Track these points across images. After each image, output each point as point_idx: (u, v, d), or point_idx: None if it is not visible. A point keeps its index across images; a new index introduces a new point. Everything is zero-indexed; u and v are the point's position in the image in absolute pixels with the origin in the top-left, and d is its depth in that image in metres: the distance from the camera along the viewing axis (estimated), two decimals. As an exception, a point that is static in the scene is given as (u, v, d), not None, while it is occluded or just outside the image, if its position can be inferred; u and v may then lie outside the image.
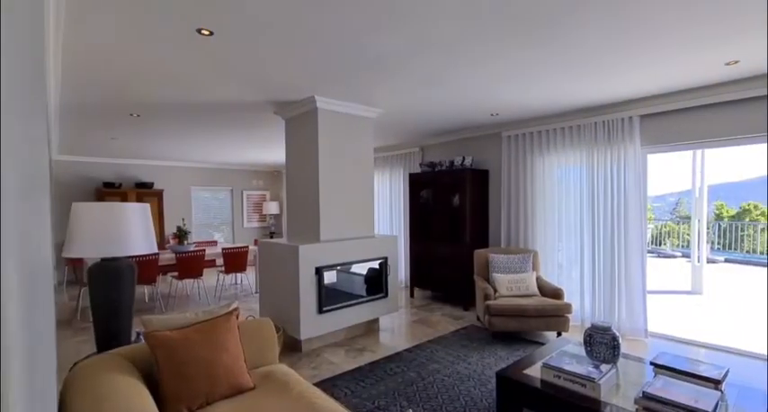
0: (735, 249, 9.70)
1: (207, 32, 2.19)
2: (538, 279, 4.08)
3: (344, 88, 3.35)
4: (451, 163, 5.12)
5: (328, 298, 3.62)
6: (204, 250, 5.41)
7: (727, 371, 1.95)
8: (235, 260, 5.65)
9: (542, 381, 2.05)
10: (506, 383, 2.15)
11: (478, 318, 4.26)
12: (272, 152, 6.86)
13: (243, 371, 1.76)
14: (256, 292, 5.83)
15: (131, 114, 4.06)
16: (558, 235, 4.43)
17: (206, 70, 2.82)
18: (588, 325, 3.05)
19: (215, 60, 2.63)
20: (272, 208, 9.20)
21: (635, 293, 3.82)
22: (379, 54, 2.59)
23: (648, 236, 10.69)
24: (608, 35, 2.34)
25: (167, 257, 5.26)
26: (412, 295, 5.56)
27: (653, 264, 8.45)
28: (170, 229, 7.58)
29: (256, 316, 4.26)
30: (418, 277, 5.50)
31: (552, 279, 4.37)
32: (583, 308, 4.17)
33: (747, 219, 11.89)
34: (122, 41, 2.31)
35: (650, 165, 3.90)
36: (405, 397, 2.68)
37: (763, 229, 10.11)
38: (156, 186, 7.76)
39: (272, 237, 9.02)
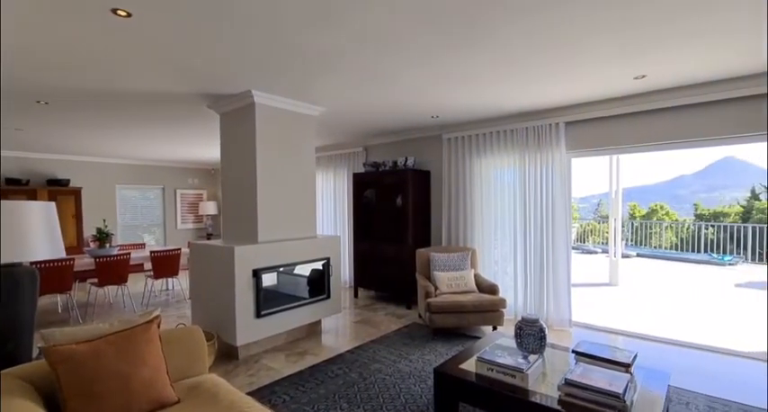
0: (644, 245, 10.89)
1: (124, 14, 2.00)
2: (476, 276, 4.26)
3: (285, 84, 3.25)
4: (395, 163, 5.18)
5: (267, 301, 3.48)
6: (129, 254, 4.97)
7: (636, 356, 2.16)
8: (165, 264, 5.25)
9: (477, 375, 2.13)
10: (443, 379, 2.20)
11: (420, 316, 4.34)
12: (208, 148, 6.49)
13: (165, 385, 1.62)
14: (190, 298, 5.47)
15: (39, 102, 3.61)
16: (495, 233, 4.65)
17: (126, 55, 2.57)
18: (520, 318, 3.23)
19: (136, 45, 2.40)
20: (209, 208, 8.70)
21: (561, 287, 4.12)
22: (321, 50, 2.54)
23: (574, 234, 11.68)
24: (535, 48, 2.50)
25: (86, 262, 4.75)
26: (356, 295, 5.54)
27: (577, 259, 9.19)
28: (90, 231, 6.86)
29: (189, 323, 3.99)
30: (362, 277, 5.49)
31: (489, 275, 4.58)
32: (516, 302, 4.42)
33: (655, 219, 13.38)
34: (24, 13, 2.03)
35: (575, 169, 4.23)
36: (346, 399, 2.65)
37: (667, 227, 11.44)
38: (74, 184, 6.99)
39: (209, 239, 8.52)
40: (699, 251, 9.72)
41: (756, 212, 13.74)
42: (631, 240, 11.09)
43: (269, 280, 3.54)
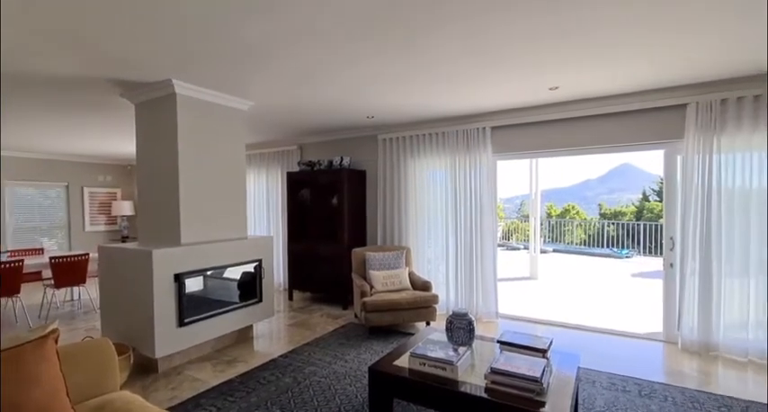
0: (560, 241, 12.01)
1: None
2: (410, 274, 4.36)
3: (211, 75, 3.05)
4: (330, 163, 5.13)
5: (192, 308, 3.24)
6: (22, 260, 4.32)
7: (551, 342, 2.36)
8: (69, 271, 4.65)
9: (410, 370, 2.18)
10: (378, 376, 2.22)
11: (356, 316, 4.34)
12: (123, 142, 5.87)
13: (64, 407, 1.42)
14: (100, 308, 4.90)
15: None
16: (428, 232, 4.81)
17: (15, 29, 2.24)
18: (451, 312, 3.36)
19: (28, 18, 2.10)
20: (124, 208, 7.88)
21: (488, 282, 4.38)
22: (250, 42, 2.42)
23: (500, 232, 12.53)
24: (460, 54, 2.63)
25: (-38, 272, 4.03)
26: (290, 298, 5.38)
27: (503, 255, 9.86)
28: (-31, 236, 5.85)
29: (98, 336, 3.57)
30: (297, 279, 5.35)
31: (423, 273, 4.72)
32: (448, 297, 4.61)
33: (568, 217, 14.84)
34: None
35: (500, 171, 4.53)
36: (278, 405, 2.56)
37: (577, 225, 12.72)
38: (-53, 180, 5.90)
39: (124, 242, 7.71)
40: (602, 246, 10.96)
41: (647, 212, 15.84)
42: (549, 237, 12.17)
43: (194, 285, 3.29)
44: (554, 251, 10.99)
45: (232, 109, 3.72)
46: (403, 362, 2.28)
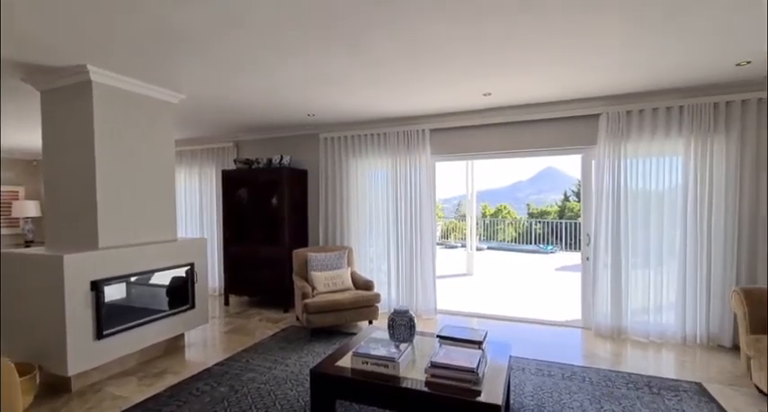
0: (493, 239, 12.75)
1: None
2: (352, 274, 4.36)
3: (136, 63, 2.80)
4: (270, 161, 4.96)
5: (113, 318, 2.95)
6: None
7: (486, 334, 2.50)
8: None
9: (352, 370, 2.18)
10: (320, 378, 2.19)
11: (298, 318, 4.25)
12: (27, 134, 5.18)
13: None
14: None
15: None
16: (370, 232, 4.85)
17: None
18: (393, 310, 3.41)
19: None
20: (28, 209, 6.94)
21: (428, 279, 4.53)
22: (182, 27, 2.27)
23: (438, 231, 13.00)
24: (400, 56, 2.70)
25: None
26: (227, 303, 5.11)
27: (442, 254, 10.25)
28: None
29: (-6, 356, 3.11)
30: (234, 282, 5.10)
31: (365, 272, 4.75)
32: (390, 296, 4.68)
33: (500, 217, 15.82)
34: None
35: (439, 172, 4.70)
36: (213, 416, 2.43)
37: (509, 224, 13.59)
38: None
39: (28, 247, 6.79)
40: (530, 243, 11.84)
41: (568, 211, 17.39)
42: (484, 235, 12.86)
43: (116, 292, 3.00)
44: (488, 248, 11.64)
45: (160, 101, 3.45)
46: (345, 362, 2.27)
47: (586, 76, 3.15)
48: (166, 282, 3.47)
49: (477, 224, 9.89)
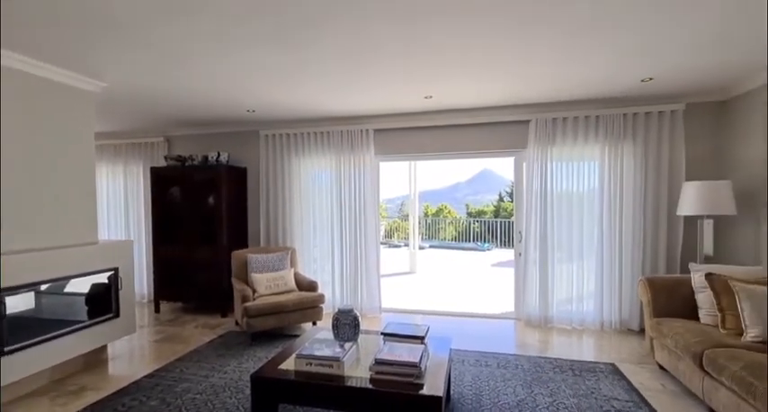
0: (435, 238, 13.18)
1: None
2: (296, 274, 4.27)
3: (48, 45, 2.50)
4: (205, 158, 4.69)
5: (19, 332, 2.61)
6: None
7: (428, 329, 2.59)
8: None
9: (296, 372, 2.14)
10: (261, 383, 2.13)
11: (237, 323, 4.07)
12: None
13: None
14: None
15: None
16: (314, 232, 4.78)
17: None
18: (337, 310, 3.40)
19: None
20: None
21: (372, 278, 4.57)
22: (107, 12, 2.07)
23: (382, 231, 13.15)
24: (341, 55, 2.71)
25: None
26: (157, 310, 4.75)
27: (385, 253, 10.38)
28: None
29: None
30: (166, 288, 4.75)
31: (309, 273, 4.67)
32: (334, 296, 4.65)
33: (441, 216, 16.40)
34: None
35: (383, 172, 4.76)
36: (142, 432, 2.25)
37: (449, 223, 14.14)
38: None
39: None
40: (469, 241, 12.42)
41: (502, 211, 18.50)
42: (426, 235, 13.24)
43: (21, 303, 2.66)
44: (430, 247, 12.01)
45: (78, 90, 3.11)
46: (289, 364, 2.23)
47: (519, 84, 3.38)
48: (86, 289, 3.14)
49: (419, 223, 10.16)
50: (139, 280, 5.11)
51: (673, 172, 3.76)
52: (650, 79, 3.25)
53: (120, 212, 5.35)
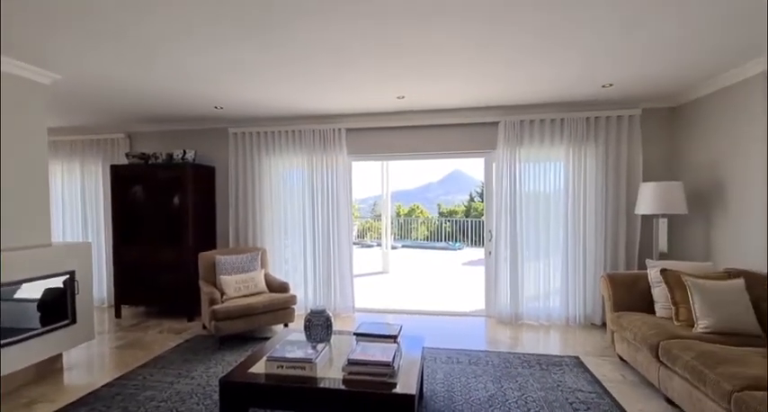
0: (407, 238, 13.27)
1: None
2: (266, 276, 4.18)
3: (-6, 35, 2.33)
4: (171, 156, 4.51)
5: (-40, 342, 2.41)
6: None
7: (401, 328, 2.60)
8: None
9: (266, 375, 2.10)
10: (230, 388, 2.07)
11: (205, 327, 3.94)
12: None
13: None
14: None
15: None
16: (285, 232, 4.70)
17: None
18: (309, 311, 3.37)
19: None
20: None
21: (345, 278, 4.55)
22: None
23: (355, 231, 13.11)
24: (314, 53, 2.68)
25: None
26: (118, 315, 4.52)
27: (358, 253, 10.36)
28: None
29: None
30: (128, 291, 4.53)
31: (280, 274, 4.58)
32: (306, 297, 4.59)
33: (413, 216, 16.54)
34: None
35: (355, 172, 4.75)
36: (101, 444, 2.13)
37: (421, 223, 14.27)
38: None
39: None
40: (441, 240, 12.59)
41: (473, 211, 18.87)
42: (398, 234, 13.31)
43: (-36, 311, 2.46)
44: (403, 247, 12.08)
45: (27, 81, 2.91)
46: (259, 368, 2.18)
47: (488, 87, 3.46)
48: (38, 294, 2.95)
49: (391, 223, 10.19)
50: (99, 283, 4.86)
51: (631, 173, 3.96)
52: (610, 85, 3.41)
53: (78, 213, 5.06)
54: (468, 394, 2.67)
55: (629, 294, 3.14)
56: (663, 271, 2.89)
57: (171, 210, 4.48)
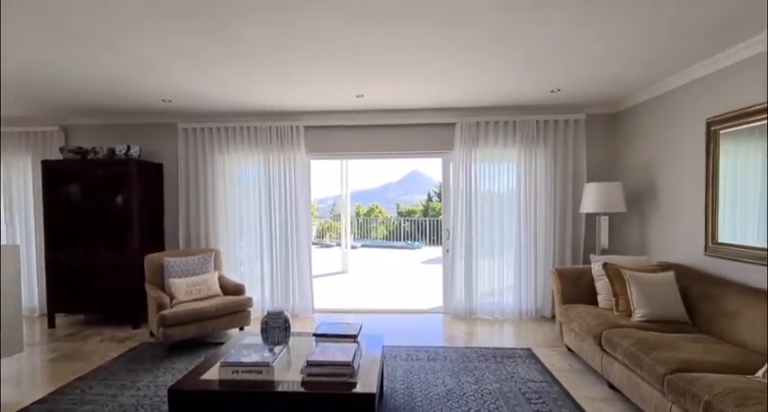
0: (367, 237, 13.29)
1: None
2: (220, 278, 4.01)
3: None
4: (112, 152, 4.20)
5: None
6: None
7: (361, 327, 2.59)
8: None
9: (221, 382, 2.01)
10: (180, 397, 1.96)
11: (152, 334, 3.71)
12: None
13: None
14: None
15: None
16: (241, 233, 4.53)
17: None
18: (266, 313, 3.27)
19: None
20: None
21: (304, 279, 4.47)
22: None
23: (314, 231, 12.93)
24: (273, 47, 2.61)
25: None
26: (52, 325, 4.13)
27: (318, 253, 10.22)
28: None
29: None
30: (64, 298, 4.15)
31: (236, 276, 4.41)
32: (264, 298, 4.45)
33: (373, 216, 16.59)
34: None
35: (314, 171, 4.68)
36: (32, 467, 1.94)
37: (380, 223, 14.35)
38: None
39: None
40: (400, 239, 12.72)
41: (431, 210, 19.24)
42: (358, 234, 13.28)
43: None
44: (362, 246, 12.07)
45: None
46: (212, 374, 2.08)
47: (444, 88, 3.53)
48: (-47, 305, 2.63)
49: (351, 223, 10.15)
50: (29, 290, 4.44)
51: (576, 174, 4.21)
52: (558, 90, 3.61)
53: None
54: (428, 390, 2.71)
55: (576, 288, 3.34)
56: (604, 265, 3.10)
57: (113, 210, 4.17)
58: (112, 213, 4.17)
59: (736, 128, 2.70)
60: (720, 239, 2.85)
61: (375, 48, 2.61)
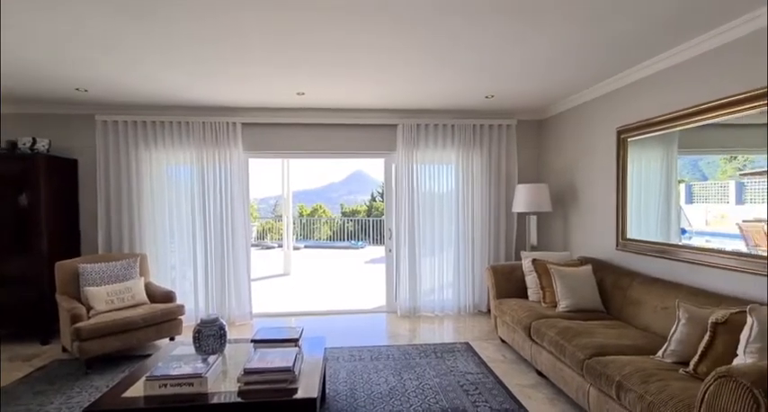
0: (310, 238, 13.06)
1: None
2: (147, 285, 3.70)
3: None
4: (14, 145, 3.69)
5: None
6: None
7: (302, 330, 2.54)
8: None
9: (146, 398, 1.85)
10: (100, 417, 1.78)
11: (65, 349, 3.32)
12: None
13: None
14: None
15: None
16: (171, 236, 4.22)
17: None
18: (199, 321, 3.07)
19: None
20: None
21: (242, 283, 4.26)
22: None
23: (254, 232, 12.42)
24: (204, 39, 2.47)
25: None
26: (-68, 347, 3.53)
27: (258, 255, 9.83)
28: None
29: None
30: (-53, 316, 3.57)
31: (165, 282, 4.09)
32: (197, 306, 4.18)
33: (316, 216, 16.34)
34: None
35: (253, 170, 4.48)
36: None
37: (324, 223, 14.18)
38: None
39: None
40: (344, 240, 12.66)
41: (374, 210, 19.39)
42: (301, 235, 13.00)
43: None
44: (305, 247, 11.83)
45: None
46: (136, 390, 1.91)
47: (385, 89, 3.58)
48: None
49: (293, 224, 9.90)
50: None
51: (509, 176, 4.49)
52: (492, 96, 3.82)
53: None
54: (370, 389, 2.73)
55: (508, 282, 3.56)
56: (533, 261, 3.34)
57: (16, 212, 3.66)
58: (15, 216, 3.66)
59: (641, 136, 3.05)
60: (629, 236, 3.20)
61: (317, 45, 2.57)
